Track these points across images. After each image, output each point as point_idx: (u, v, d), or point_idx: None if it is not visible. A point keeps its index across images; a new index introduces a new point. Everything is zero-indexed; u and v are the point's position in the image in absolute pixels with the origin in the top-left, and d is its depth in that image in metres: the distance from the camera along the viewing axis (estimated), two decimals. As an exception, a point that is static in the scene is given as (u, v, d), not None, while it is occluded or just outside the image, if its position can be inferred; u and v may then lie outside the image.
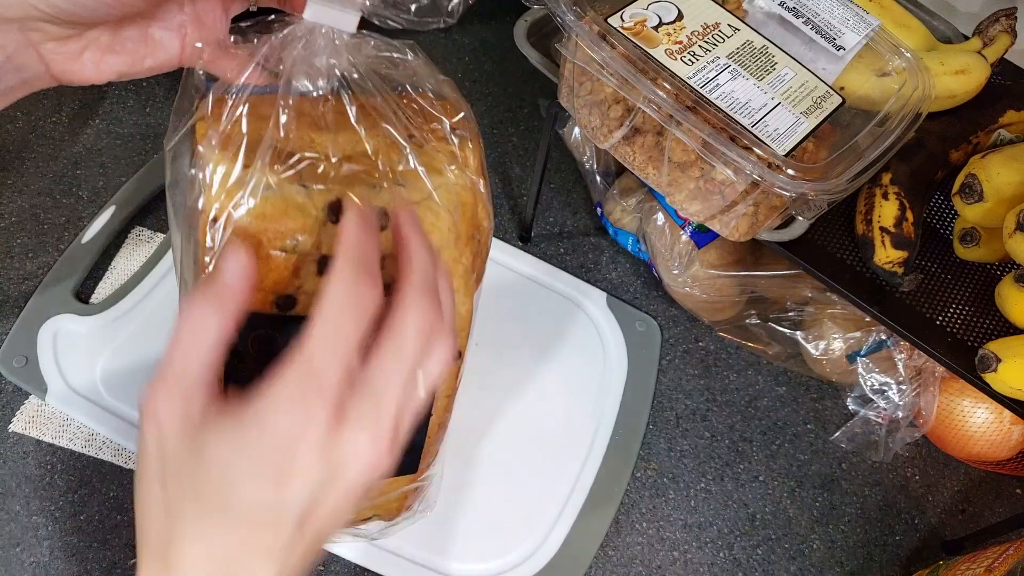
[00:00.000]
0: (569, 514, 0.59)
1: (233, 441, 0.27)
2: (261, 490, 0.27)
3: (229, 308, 0.29)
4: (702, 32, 0.50)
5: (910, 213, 0.54)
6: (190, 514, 0.28)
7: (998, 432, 0.63)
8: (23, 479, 0.56)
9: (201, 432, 0.28)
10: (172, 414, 0.28)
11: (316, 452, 0.27)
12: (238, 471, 0.27)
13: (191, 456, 0.28)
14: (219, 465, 0.27)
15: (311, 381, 0.27)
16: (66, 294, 0.62)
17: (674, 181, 0.52)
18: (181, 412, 0.28)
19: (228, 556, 0.28)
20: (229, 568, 0.28)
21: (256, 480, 0.27)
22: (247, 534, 0.28)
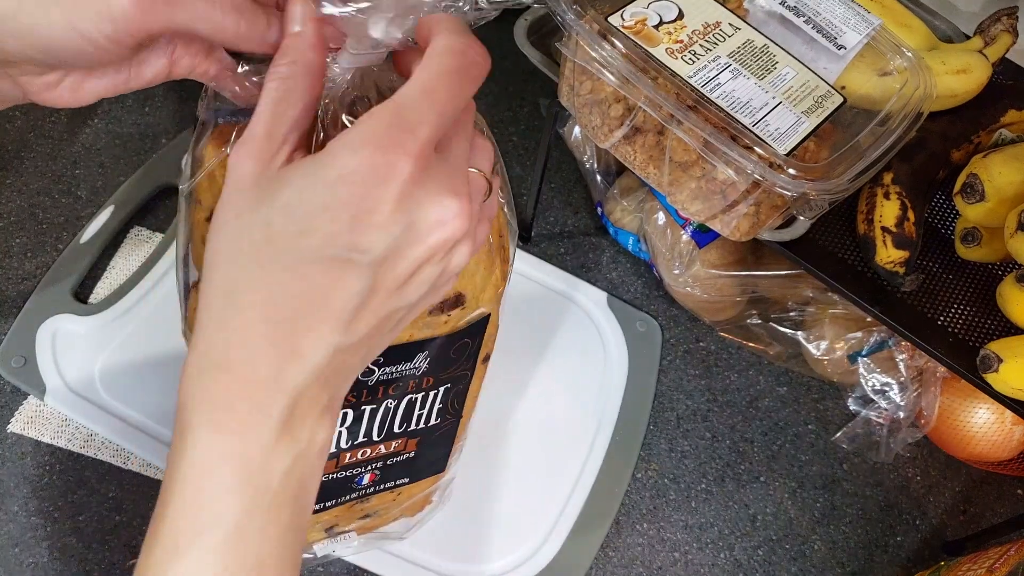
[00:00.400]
0: (569, 515, 0.59)
1: (309, 182, 0.26)
2: (335, 233, 0.26)
3: (300, 58, 0.28)
4: (703, 31, 0.50)
5: (911, 213, 0.54)
6: (254, 260, 0.26)
7: (999, 432, 0.63)
8: (22, 479, 0.56)
9: (278, 175, 0.27)
10: (250, 160, 0.27)
11: (395, 202, 0.26)
12: (310, 212, 0.26)
13: (264, 197, 0.27)
14: (291, 205, 0.26)
15: (400, 129, 0.26)
16: (65, 294, 0.62)
17: (675, 180, 0.52)
18: (261, 159, 0.27)
19: (289, 308, 0.26)
20: (288, 325, 0.26)
21: (330, 222, 0.25)
22: (313, 285, 0.26)
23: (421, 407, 0.42)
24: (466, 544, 0.57)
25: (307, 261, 0.26)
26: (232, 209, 0.27)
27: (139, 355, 0.61)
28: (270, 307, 0.26)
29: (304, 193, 0.26)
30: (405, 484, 0.47)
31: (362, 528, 0.51)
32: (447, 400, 0.43)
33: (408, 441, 0.44)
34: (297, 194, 0.26)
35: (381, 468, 0.44)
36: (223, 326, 0.27)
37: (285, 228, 0.26)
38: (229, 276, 0.27)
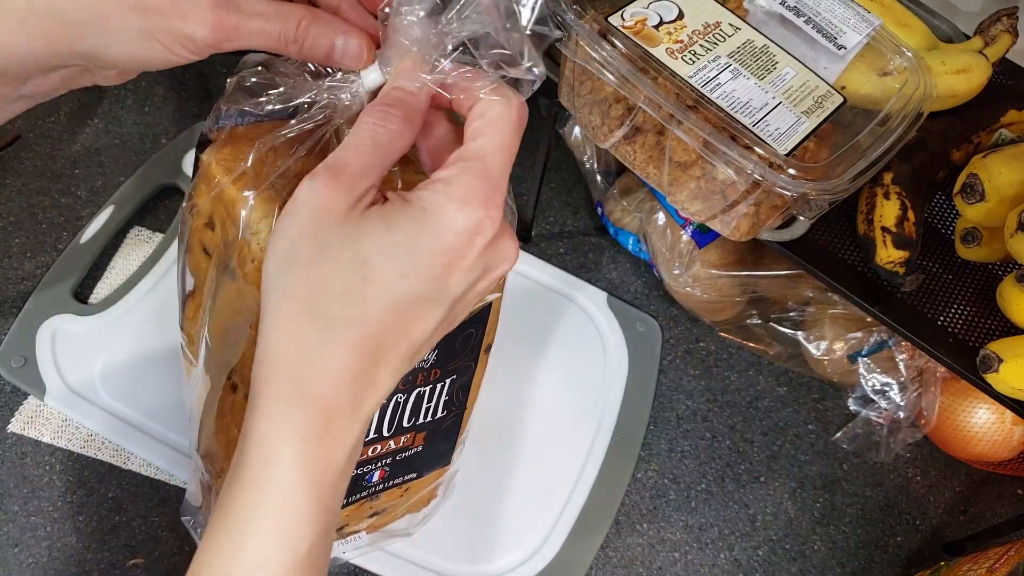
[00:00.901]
0: (569, 515, 0.59)
1: (414, 228, 0.28)
2: (433, 277, 0.28)
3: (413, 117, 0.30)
4: (703, 31, 0.50)
5: (911, 213, 0.54)
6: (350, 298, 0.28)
7: (1000, 432, 0.63)
8: (21, 480, 0.56)
9: (378, 216, 0.28)
10: (339, 194, 0.28)
11: (481, 250, 0.29)
12: (414, 257, 0.28)
13: (358, 236, 0.28)
14: (395, 248, 0.28)
15: (492, 187, 0.29)
16: (65, 294, 0.62)
17: (675, 180, 0.51)
18: (350, 196, 0.28)
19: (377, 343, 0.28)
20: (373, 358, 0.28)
21: (430, 267, 0.28)
22: (401, 322, 0.28)
23: (429, 400, 0.42)
24: (466, 544, 0.57)
25: (402, 300, 0.28)
26: (318, 243, 0.28)
27: (139, 355, 0.61)
28: (363, 342, 0.28)
29: (410, 238, 0.28)
30: (413, 479, 0.47)
31: (370, 527, 0.51)
32: (452, 392, 0.43)
33: (416, 435, 0.44)
34: (402, 238, 0.28)
35: (390, 464, 0.45)
36: (310, 361, 0.28)
37: (386, 269, 0.28)
38: (324, 312, 0.28)
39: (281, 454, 0.28)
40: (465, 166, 0.29)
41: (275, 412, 0.28)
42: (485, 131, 0.29)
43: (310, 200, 0.28)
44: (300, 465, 0.28)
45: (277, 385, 0.29)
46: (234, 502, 0.29)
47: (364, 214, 0.28)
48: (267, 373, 0.29)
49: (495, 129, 0.29)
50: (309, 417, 0.28)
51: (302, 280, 0.28)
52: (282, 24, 0.31)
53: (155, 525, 0.55)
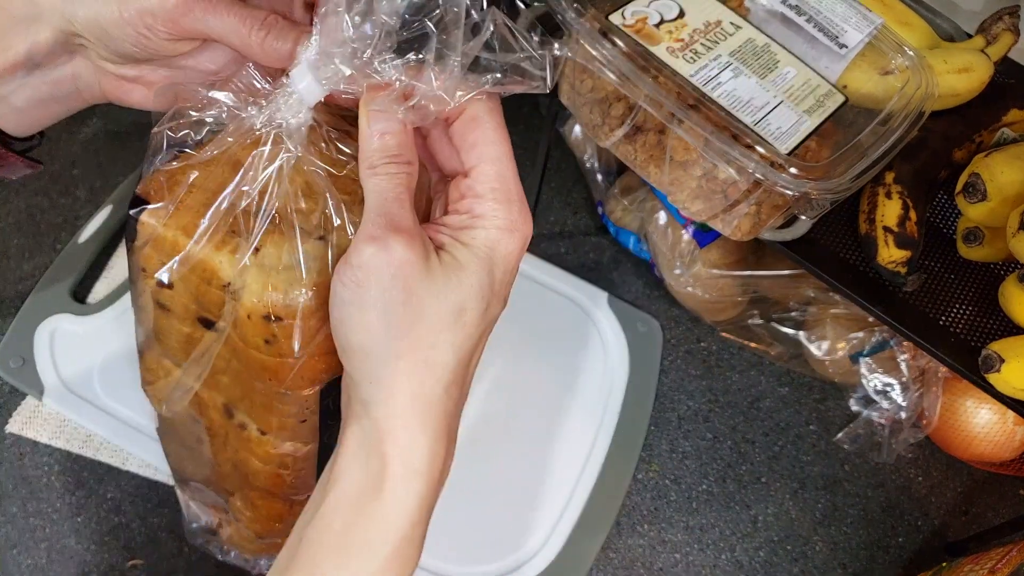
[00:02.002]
0: (570, 516, 0.59)
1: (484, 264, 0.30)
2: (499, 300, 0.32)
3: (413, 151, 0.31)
4: (704, 30, 0.49)
5: (913, 212, 0.54)
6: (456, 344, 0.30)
7: (1001, 433, 0.62)
8: (20, 481, 0.55)
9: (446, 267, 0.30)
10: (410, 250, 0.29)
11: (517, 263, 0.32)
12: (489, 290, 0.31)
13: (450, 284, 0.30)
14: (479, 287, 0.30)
15: (520, 203, 0.31)
16: (63, 294, 0.62)
17: (676, 180, 0.51)
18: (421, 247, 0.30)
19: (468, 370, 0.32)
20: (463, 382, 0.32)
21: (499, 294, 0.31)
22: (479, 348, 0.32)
23: None
24: (467, 545, 0.57)
25: (487, 330, 0.32)
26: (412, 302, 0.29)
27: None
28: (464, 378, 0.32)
29: (485, 277, 0.30)
30: None
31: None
32: None
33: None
34: (480, 279, 0.30)
35: None
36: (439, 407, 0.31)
37: (476, 310, 0.30)
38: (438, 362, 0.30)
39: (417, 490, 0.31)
40: (497, 196, 0.31)
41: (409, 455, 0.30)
42: (491, 150, 0.31)
43: (384, 262, 0.29)
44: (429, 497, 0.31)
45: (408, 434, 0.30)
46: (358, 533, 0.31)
47: (442, 263, 0.30)
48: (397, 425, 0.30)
49: (498, 145, 0.31)
50: (436, 453, 0.31)
51: (412, 341, 0.30)
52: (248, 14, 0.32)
53: (154, 526, 0.55)
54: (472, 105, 0.31)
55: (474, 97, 0.31)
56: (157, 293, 0.35)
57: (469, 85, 0.31)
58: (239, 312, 0.32)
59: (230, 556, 0.51)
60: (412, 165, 0.31)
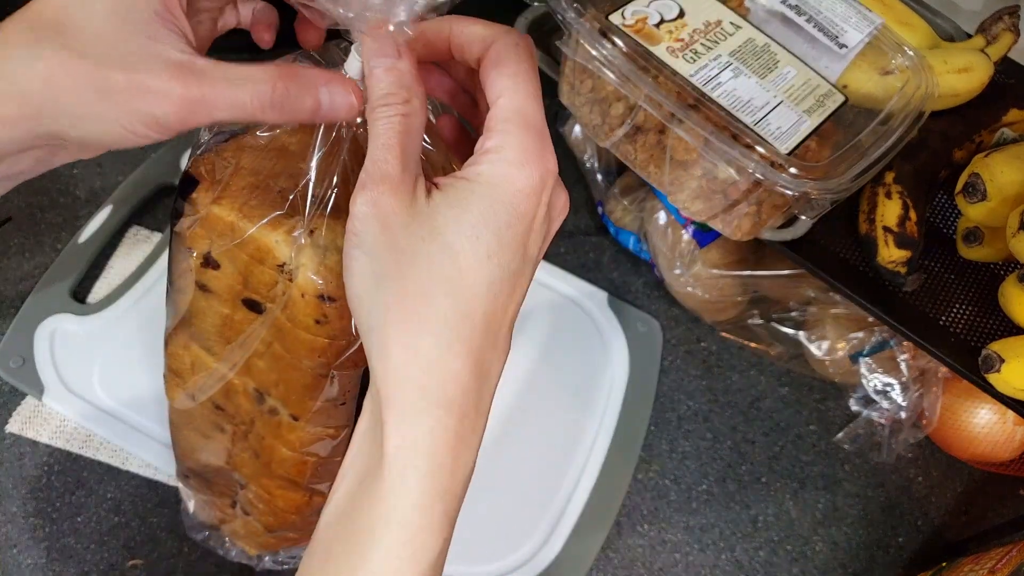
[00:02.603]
0: (570, 516, 0.59)
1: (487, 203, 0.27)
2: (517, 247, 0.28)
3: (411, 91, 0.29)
4: (704, 30, 0.49)
5: (913, 212, 0.54)
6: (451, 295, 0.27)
7: (1001, 433, 0.62)
8: (20, 480, 0.55)
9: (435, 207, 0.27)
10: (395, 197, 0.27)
11: (546, 205, 0.29)
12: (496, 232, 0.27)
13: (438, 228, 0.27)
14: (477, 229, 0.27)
15: (540, 137, 0.28)
16: (63, 294, 0.62)
17: (676, 180, 0.51)
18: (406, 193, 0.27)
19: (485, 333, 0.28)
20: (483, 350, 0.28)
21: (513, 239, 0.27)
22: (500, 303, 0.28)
23: None
24: (466, 545, 0.57)
25: (497, 281, 0.27)
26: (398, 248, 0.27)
27: (138, 355, 0.60)
28: (473, 335, 0.27)
29: (487, 215, 0.27)
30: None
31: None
32: None
33: None
34: (479, 217, 0.27)
35: None
36: (437, 365, 0.27)
37: (476, 252, 0.27)
38: (432, 313, 0.27)
39: (416, 466, 0.27)
40: (508, 127, 0.28)
41: (406, 426, 0.28)
42: (510, 83, 0.28)
43: (371, 212, 0.27)
44: (434, 478, 0.28)
45: (404, 399, 0.28)
46: (362, 515, 0.28)
47: (430, 204, 0.27)
48: (392, 389, 0.28)
49: (519, 79, 0.28)
50: (442, 424, 0.27)
51: (399, 289, 0.27)
52: (254, 88, 0.29)
53: (154, 526, 0.55)
54: (496, 44, 0.29)
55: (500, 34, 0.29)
56: (201, 273, 0.35)
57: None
58: (292, 292, 0.33)
59: (231, 553, 0.51)
60: (408, 103, 0.28)
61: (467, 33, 0.29)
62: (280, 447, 0.40)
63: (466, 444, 0.28)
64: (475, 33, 0.29)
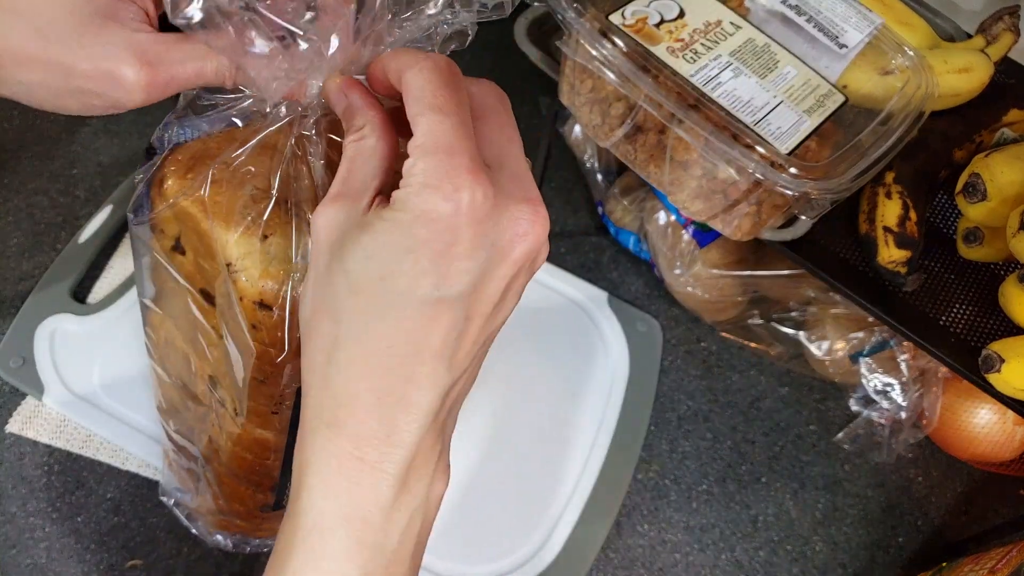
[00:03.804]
0: (570, 516, 0.59)
1: (385, 226, 0.26)
2: (420, 273, 0.26)
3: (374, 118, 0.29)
4: (704, 30, 0.49)
5: (913, 212, 0.54)
6: (344, 313, 0.26)
7: (1002, 433, 0.62)
8: (20, 480, 0.55)
9: (359, 222, 0.27)
10: (329, 213, 0.27)
11: (474, 228, 0.26)
12: (392, 257, 0.26)
13: (346, 247, 0.27)
14: (371, 251, 0.26)
15: (448, 153, 0.26)
16: (63, 294, 0.62)
17: (676, 180, 0.51)
18: (341, 210, 0.27)
19: (389, 358, 0.26)
20: (392, 375, 0.26)
21: (413, 264, 0.26)
22: (407, 330, 0.26)
23: None
24: (466, 545, 0.57)
25: (396, 306, 0.26)
26: (317, 264, 0.28)
27: (138, 355, 0.60)
28: (371, 360, 0.26)
29: (381, 237, 0.26)
30: None
31: None
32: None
33: None
34: (374, 240, 0.26)
35: None
36: (327, 385, 0.27)
37: (368, 275, 0.26)
38: (324, 332, 0.27)
39: (310, 486, 0.27)
40: (416, 150, 0.26)
41: (305, 443, 0.27)
42: (415, 107, 0.27)
43: (323, 223, 0.27)
44: (330, 498, 0.27)
45: (308, 416, 0.27)
46: (282, 535, 0.28)
47: (356, 225, 0.27)
48: (303, 404, 0.28)
49: (423, 101, 0.27)
50: (334, 445, 0.27)
51: (312, 304, 0.27)
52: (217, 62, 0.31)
53: (154, 526, 0.55)
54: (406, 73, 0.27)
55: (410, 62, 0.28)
56: (170, 256, 0.36)
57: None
58: (234, 293, 0.33)
59: (197, 526, 0.51)
60: (360, 130, 0.29)
61: (391, 69, 0.29)
62: (224, 438, 0.40)
63: (371, 470, 0.26)
64: (392, 69, 0.29)
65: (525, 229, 0.27)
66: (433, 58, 0.28)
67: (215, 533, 0.51)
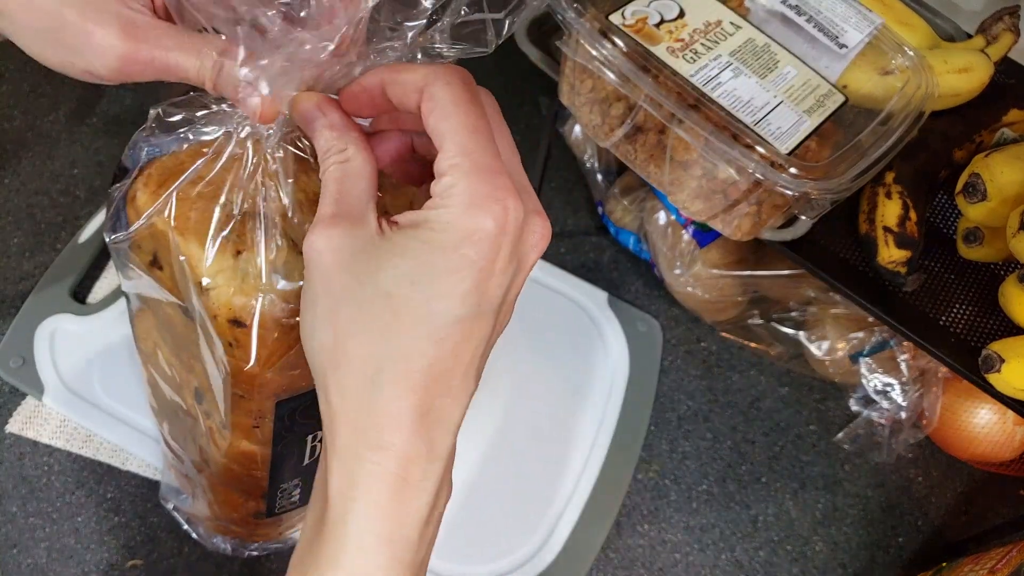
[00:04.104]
0: (570, 516, 0.59)
1: (428, 248, 0.26)
2: (465, 293, 0.26)
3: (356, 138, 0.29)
4: (704, 30, 0.49)
5: (913, 212, 0.54)
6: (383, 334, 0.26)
7: (1001, 433, 0.62)
8: (20, 480, 0.55)
9: (384, 246, 0.27)
10: (334, 239, 0.27)
11: (512, 246, 0.27)
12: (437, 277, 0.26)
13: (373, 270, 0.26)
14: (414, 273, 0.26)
15: (490, 177, 0.26)
16: (63, 294, 0.62)
17: (676, 180, 0.51)
18: (346, 234, 0.27)
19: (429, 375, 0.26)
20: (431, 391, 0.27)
21: (459, 283, 0.26)
22: (447, 347, 0.26)
23: None
24: (466, 545, 0.57)
25: (440, 326, 0.26)
26: (329, 289, 0.27)
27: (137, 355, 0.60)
28: (413, 379, 0.26)
29: (422, 257, 0.26)
30: None
31: None
32: None
33: None
34: (414, 260, 0.26)
35: None
36: (370, 408, 0.27)
37: (411, 298, 0.26)
38: (362, 355, 0.27)
39: (356, 511, 0.27)
40: (455, 172, 0.26)
41: (346, 468, 0.27)
42: (450, 126, 0.27)
43: (326, 247, 0.27)
44: (376, 521, 0.27)
45: (344, 441, 0.27)
46: (314, 559, 0.28)
47: (379, 245, 0.27)
48: (333, 431, 0.27)
49: (454, 117, 0.27)
50: (382, 468, 0.27)
51: (335, 329, 0.27)
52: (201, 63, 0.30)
53: (154, 526, 0.55)
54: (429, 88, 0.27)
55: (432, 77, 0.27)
56: (150, 270, 0.35)
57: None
58: (208, 310, 0.33)
59: (197, 528, 0.52)
60: (344, 151, 0.29)
61: (400, 82, 0.28)
62: (212, 448, 0.40)
63: (414, 488, 0.27)
64: (408, 81, 0.28)
65: (538, 239, 0.28)
66: (456, 71, 0.28)
67: (214, 537, 0.51)
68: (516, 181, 0.28)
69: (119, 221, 0.35)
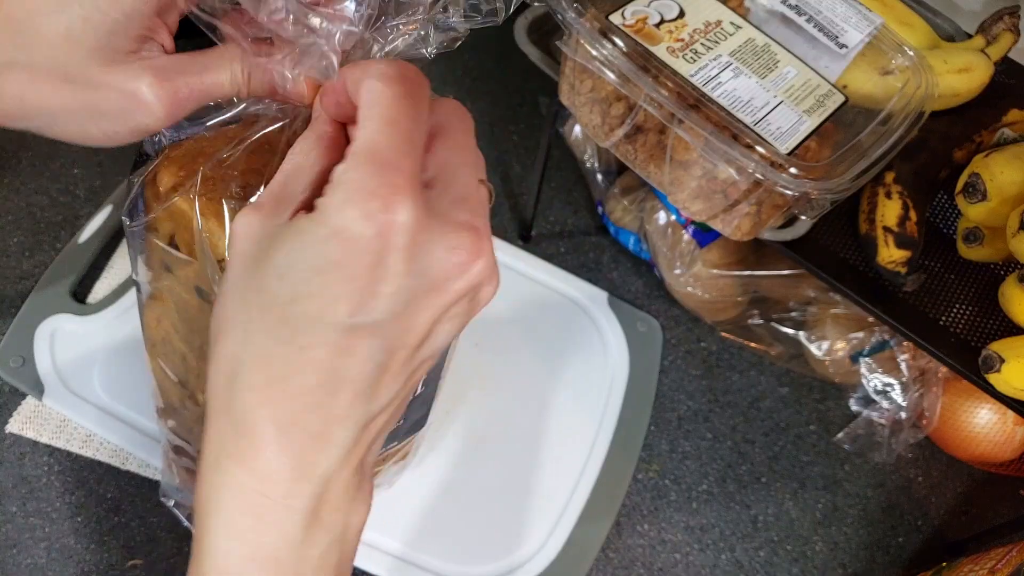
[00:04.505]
0: (570, 516, 0.59)
1: (300, 241, 0.23)
2: (333, 298, 0.23)
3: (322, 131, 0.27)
4: (704, 30, 0.49)
5: (913, 212, 0.54)
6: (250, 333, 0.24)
7: (1001, 433, 0.62)
8: (20, 480, 0.55)
9: (276, 234, 0.24)
10: (250, 218, 0.25)
11: (403, 252, 0.23)
12: (302, 276, 0.23)
13: (260, 259, 0.24)
14: (284, 268, 0.24)
15: (384, 167, 0.23)
16: (63, 294, 0.62)
17: (676, 180, 0.51)
18: (263, 217, 0.25)
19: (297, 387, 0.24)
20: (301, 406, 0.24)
21: (324, 286, 0.23)
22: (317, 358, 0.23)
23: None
24: (466, 545, 0.57)
25: (305, 332, 0.23)
26: (231, 275, 0.25)
27: (138, 355, 0.60)
28: (274, 387, 0.24)
29: (295, 254, 0.23)
30: (394, 446, 0.48)
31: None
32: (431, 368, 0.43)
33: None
34: (287, 256, 0.24)
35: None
36: (228, 410, 0.24)
37: (278, 295, 0.24)
38: (228, 352, 0.24)
39: (214, 528, 0.25)
40: (352, 157, 0.24)
41: (206, 477, 0.25)
42: (364, 113, 0.24)
43: (241, 231, 0.25)
44: (238, 541, 0.25)
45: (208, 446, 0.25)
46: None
47: (276, 236, 0.24)
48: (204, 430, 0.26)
49: (374, 108, 0.24)
50: (237, 481, 0.24)
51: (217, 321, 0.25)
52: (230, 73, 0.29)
53: (154, 526, 0.55)
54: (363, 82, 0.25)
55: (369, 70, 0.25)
56: (165, 254, 0.35)
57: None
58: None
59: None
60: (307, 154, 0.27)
61: (350, 79, 0.26)
62: None
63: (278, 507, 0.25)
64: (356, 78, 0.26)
65: (463, 260, 0.24)
66: (399, 66, 0.26)
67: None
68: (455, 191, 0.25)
69: (138, 203, 0.35)
